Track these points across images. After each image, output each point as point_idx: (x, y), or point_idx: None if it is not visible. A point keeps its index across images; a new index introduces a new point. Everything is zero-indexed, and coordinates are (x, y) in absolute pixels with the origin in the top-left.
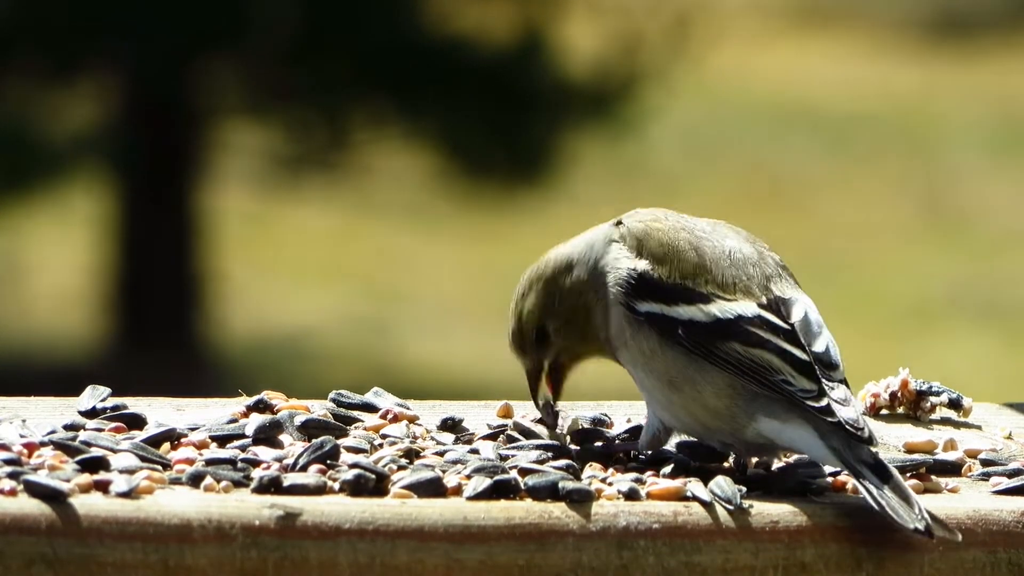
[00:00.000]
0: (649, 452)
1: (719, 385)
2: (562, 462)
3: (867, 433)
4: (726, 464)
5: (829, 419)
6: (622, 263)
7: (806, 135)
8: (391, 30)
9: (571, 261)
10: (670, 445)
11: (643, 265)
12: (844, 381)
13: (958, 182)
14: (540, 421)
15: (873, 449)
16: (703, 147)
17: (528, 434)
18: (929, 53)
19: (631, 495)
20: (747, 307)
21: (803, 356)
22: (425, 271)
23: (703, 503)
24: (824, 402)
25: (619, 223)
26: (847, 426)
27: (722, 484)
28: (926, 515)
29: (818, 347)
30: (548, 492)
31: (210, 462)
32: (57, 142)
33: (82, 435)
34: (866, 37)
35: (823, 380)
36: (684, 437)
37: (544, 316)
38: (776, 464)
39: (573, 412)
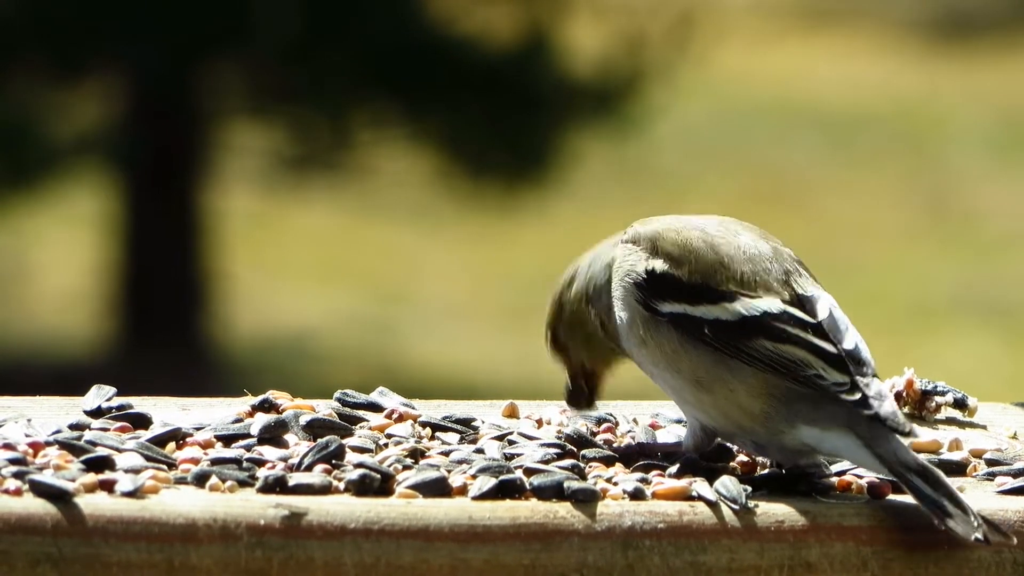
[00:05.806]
0: (697, 455)
1: (753, 386)
2: (567, 462)
3: (906, 427)
4: (732, 464)
5: (865, 411)
6: (636, 264)
7: (810, 135)
8: (394, 30)
9: (575, 272)
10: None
11: (660, 265)
12: (875, 376)
13: (962, 182)
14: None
15: (906, 442)
16: (707, 147)
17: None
18: (933, 54)
19: (636, 495)
20: (772, 303)
21: (832, 350)
22: (429, 271)
23: (708, 503)
24: (858, 395)
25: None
26: (885, 422)
27: (727, 484)
28: (982, 522)
29: (847, 344)
30: (553, 492)
31: (215, 461)
32: (62, 142)
33: (87, 435)
34: (870, 37)
35: (855, 374)
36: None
37: (555, 324)
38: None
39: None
